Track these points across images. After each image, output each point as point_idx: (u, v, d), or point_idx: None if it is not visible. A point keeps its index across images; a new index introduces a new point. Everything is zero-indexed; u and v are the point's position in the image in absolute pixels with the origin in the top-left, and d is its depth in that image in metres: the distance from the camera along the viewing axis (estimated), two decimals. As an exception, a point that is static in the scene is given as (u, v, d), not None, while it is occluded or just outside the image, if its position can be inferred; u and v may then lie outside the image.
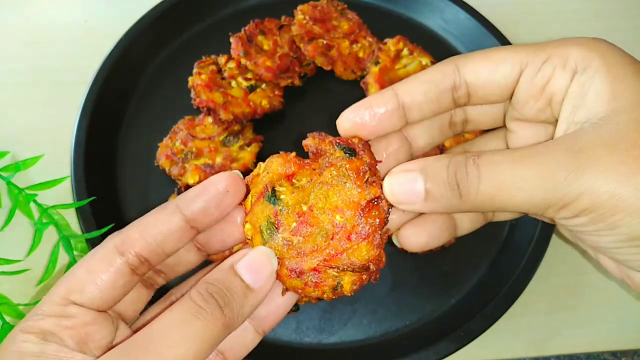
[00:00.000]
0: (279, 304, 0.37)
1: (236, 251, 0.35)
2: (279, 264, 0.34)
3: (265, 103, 0.66)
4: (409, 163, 0.34)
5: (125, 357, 0.29)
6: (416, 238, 0.38)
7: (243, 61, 0.67)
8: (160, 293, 0.40)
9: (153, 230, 0.33)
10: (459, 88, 0.36)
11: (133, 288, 0.35)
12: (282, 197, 0.35)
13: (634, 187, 0.29)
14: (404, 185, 0.33)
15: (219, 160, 0.63)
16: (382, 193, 0.34)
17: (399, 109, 0.36)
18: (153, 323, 0.30)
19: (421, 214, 0.39)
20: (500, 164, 0.31)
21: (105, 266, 0.32)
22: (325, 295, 0.35)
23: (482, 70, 0.35)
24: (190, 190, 0.35)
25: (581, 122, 0.32)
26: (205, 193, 0.34)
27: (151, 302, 0.39)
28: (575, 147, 0.30)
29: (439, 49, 0.73)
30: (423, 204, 0.33)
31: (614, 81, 0.31)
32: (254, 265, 0.33)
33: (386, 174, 0.35)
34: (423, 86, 0.36)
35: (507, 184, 0.31)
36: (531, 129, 0.38)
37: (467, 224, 0.41)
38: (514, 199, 0.31)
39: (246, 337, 0.37)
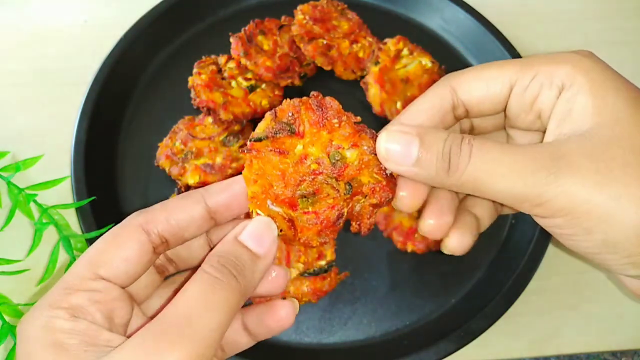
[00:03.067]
0: (275, 285, 0.38)
1: None
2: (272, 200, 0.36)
3: (265, 103, 0.66)
4: (407, 125, 0.36)
5: (161, 334, 0.29)
6: (466, 240, 0.40)
7: (243, 61, 0.66)
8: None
9: (178, 215, 0.35)
10: (458, 107, 0.39)
11: (150, 267, 0.36)
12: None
13: (608, 196, 0.31)
14: (398, 144, 0.34)
15: (219, 160, 0.63)
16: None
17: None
18: (175, 300, 0.31)
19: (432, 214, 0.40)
20: (491, 150, 0.34)
21: (132, 242, 0.34)
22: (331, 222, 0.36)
23: (475, 90, 0.38)
24: (216, 184, 0.37)
25: (567, 134, 0.35)
26: (231, 189, 0.37)
27: None
28: (558, 153, 0.33)
29: (439, 49, 0.73)
30: (410, 167, 0.35)
31: (596, 97, 0.34)
32: (257, 233, 0.35)
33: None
34: (426, 114, 0.39)
35: (493, 170, 0.33)
36: (527, 136, 0.41)
37: (486, 221, 0.43)
38: (496, 185, 0.33)
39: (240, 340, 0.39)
